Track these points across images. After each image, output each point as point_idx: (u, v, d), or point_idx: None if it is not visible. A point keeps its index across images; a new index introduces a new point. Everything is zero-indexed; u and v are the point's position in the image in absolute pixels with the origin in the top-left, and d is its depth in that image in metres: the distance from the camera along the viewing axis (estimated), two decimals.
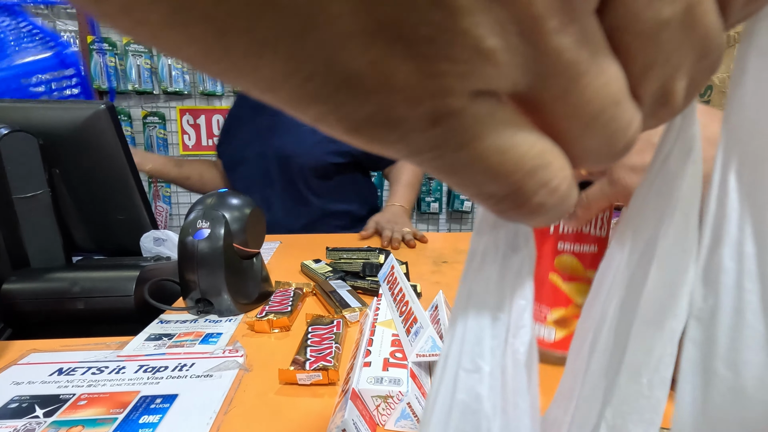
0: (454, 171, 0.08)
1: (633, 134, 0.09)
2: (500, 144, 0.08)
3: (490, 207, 0.09)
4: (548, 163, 0.08)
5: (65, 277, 0.50)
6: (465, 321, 0.10)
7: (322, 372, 0.35)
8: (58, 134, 0.60)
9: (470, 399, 0.10)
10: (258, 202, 1.01)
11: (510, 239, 0.11)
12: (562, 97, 0.08)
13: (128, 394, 0.34)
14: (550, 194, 0.08)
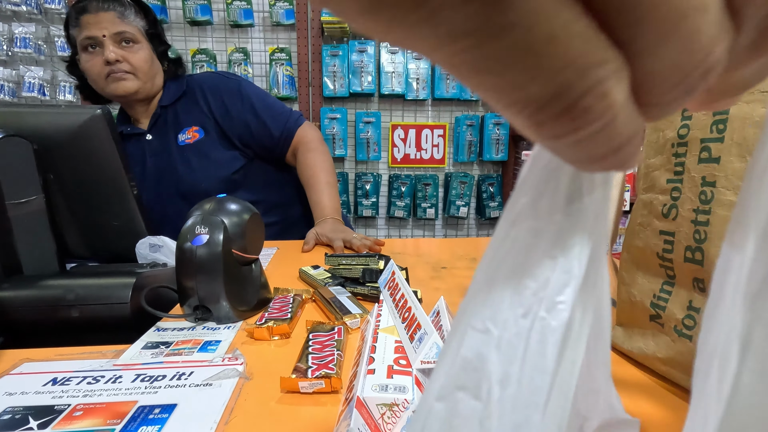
0: (489, 67, 0.07)
1: (714, 60, 0.07)
2: (551, 30, 0.06)
3: (527, 119, 0.07)
4: (603, 61, 0.07)
5: (59, 284, 0.49)
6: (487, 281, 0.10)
7: (325, 380, 0.34)
8: (52, 139, 0.59)
9: (473, 357, 0.10)
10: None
11: (568, 187, 0.09)
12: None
13: (125, 404, 0.33)
14: (600, 99, 0.07)
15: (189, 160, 0.95)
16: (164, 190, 0.96)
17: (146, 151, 0.97)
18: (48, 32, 1.81)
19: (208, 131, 0.97)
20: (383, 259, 0.60)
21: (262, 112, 0.98)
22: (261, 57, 1.94)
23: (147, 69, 0.92)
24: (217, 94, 0.98)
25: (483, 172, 2.18)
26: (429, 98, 2.01)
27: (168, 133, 0.97)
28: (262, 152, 1.01)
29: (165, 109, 0.98)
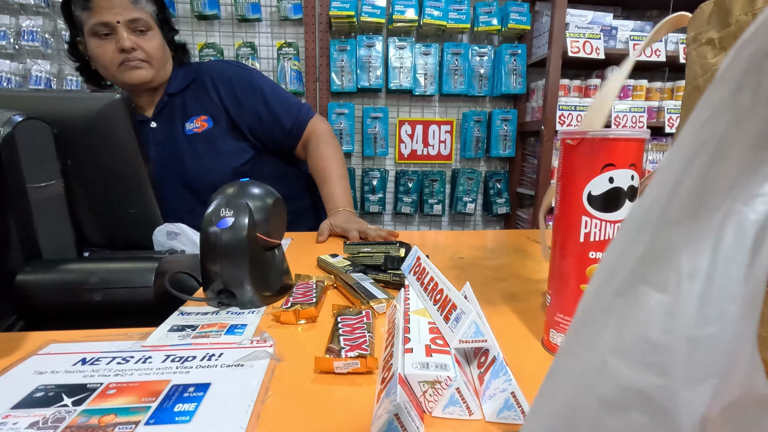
0: None
1: None
2: None
3: None
4: None
5: (82, 268, 0.49)
6: (676, 177, 0.09)
7: (360, 359, 0.34)
8: (72, 124, 0.59)
9: (660, 250, 0.09)
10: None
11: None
12: None
13: (158, 383, 0.33)
14: None
15: (196, 149, 0.94)
16: (167, 180, 0.94)
17: (150, 139, 0.94)
18: (55, 26, 1.80)
19: (217, 121, 0.95)
20: (404, 246, 0.59)
21: (274, 104, 0.97)
22: (269, 51, 1.93)
23: (160, 56, 0.91)
24: (228, 84, 0.96)
25: (490, 168, 2.17)
26: (436, 94, 2.01)
27: (174, 122, 0.95)
28: (271, 144, 1.00)
29: (172, 97, 0.95)
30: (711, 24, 0.37)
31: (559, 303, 0.35)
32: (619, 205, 0.32)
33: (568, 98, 1.86)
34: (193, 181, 0.94)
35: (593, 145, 0.32)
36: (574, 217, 0.33)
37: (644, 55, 1.79)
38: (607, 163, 0.32)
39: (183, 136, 0.94)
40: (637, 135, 0.32)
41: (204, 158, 0.93)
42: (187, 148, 0.94)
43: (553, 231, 0.36)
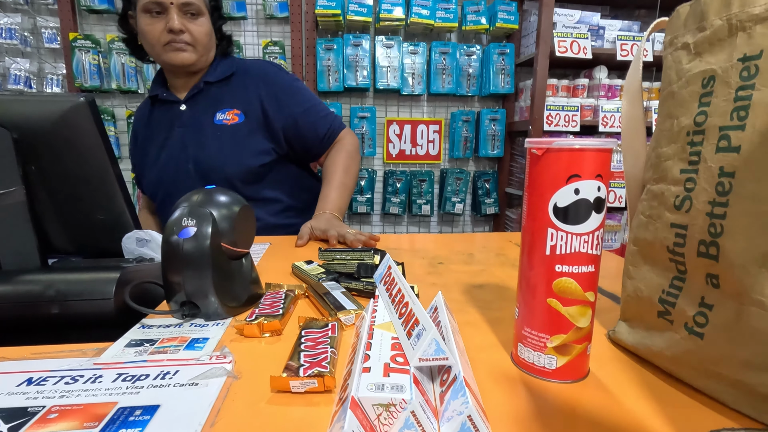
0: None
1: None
2: None
3: None
4: None
5: (38, 279, 0.47)
6: None
7: (318, 379, 0.32)
8: (33, 129, 0.56)
9: None
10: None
11: None
12: None
13: (104, 405, 0.31)
14: None
15: (221, 139, 0.94)
16: (182, 165, 0.94)
17: (175, 121, 0.96)
18: (34, 23, 1.76)
19: (249, 117, 0.95)
20: (379, 253, 0.58)
21: (311, 110, 0.99)
22: (254, 50, 1.90)
23: (206, 42, 0.92)
24: (270, 84, 0.97)
25: (479, 168, 2.17)
26: (425, 93, 2.00)
27: (205, 109, 0.95)
28: (299, 148, 1.00)
29: (208, 85, 0.96)
30: (687, 28, 0.36)
31: (526, 317, 0.34)
32: (585, 217, 0.31)
33: (556, 98, 1.86)
34: (209, 169, 0.93)
35: (558, 155, 0.31)
36: (540, 229, 0.32)
37: (631, 55, 1.79)
38: (573, 174, 0.31)
39: (211, 124, 0.94)
40: (604, 145, 0.31)
41: (226, 150, 0.93)
42: (211, 136, 0.94)
43: (521, 242, 0.35)
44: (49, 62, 1.80)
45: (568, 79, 1.94)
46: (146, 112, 1.02)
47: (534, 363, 0.34)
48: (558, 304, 0.32)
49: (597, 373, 0.36)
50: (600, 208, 0.31)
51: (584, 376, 0.35)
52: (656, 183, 0.37)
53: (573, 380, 0.34)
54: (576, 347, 0.33)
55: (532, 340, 0.34)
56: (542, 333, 0.33)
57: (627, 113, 0.44)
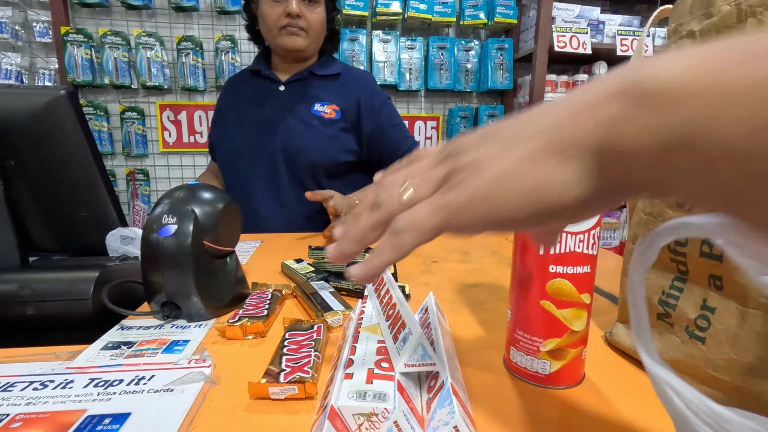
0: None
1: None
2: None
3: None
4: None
5: (13, 278, 0.45)
6: None
7: (298, 385, 0.31)
8: (11, 122, 0.54)
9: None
10: (255, 197, 0.93)
11: None
12: None
13: (72, 413, 0.29)
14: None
15: (316, 129, 0.96)
16: (269, 142, 0.96)
17: (271, 99, 0.99)
18: (26, 17, 1.73)
19: (345, 116, 0.99)
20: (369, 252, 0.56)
21: (397, 128, 1.05)
22: (249, 45, 1.87)
23: (318, 30, 0.96)
24: (370, 94, 1.02)
25: None
26: (422, 89, 1.97)
27: (304, 97, 0.98)
28: (376, 156, 1.04)
29: (313, 76, 1.00)
30: (693, 14, 0.34)
31: (519, 319, 0.33)
32: None
33: (555, 94, 1.83)
34: (298, 153, 0.95)
35: None
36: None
37: (631, 50, 1.77)
38: None
39: (308, 112, 0.97)
40: None
41: (318, 137, 0.96)
42: (307, 123, 0.96)
43: (514, 241, 0.33)
44: (41, 57, 1.77)
45: (567, 74, 1.91)
46: (241, 83, 1.05)
47: (527, 368, 0.32)
48: (552, 307, 0.30)
49: (593, 378, 0.34)
50: None
51: (579, 382, 0.33)
52: None
53: (567, 386, 0.32)
54: (570, 351, 0.31)
55: (524, 343, 0.32)
56: (535, 336, 0.31)
57: None
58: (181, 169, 1.93)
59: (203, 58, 1.81)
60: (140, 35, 1.74)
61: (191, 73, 1.79)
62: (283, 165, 0.96)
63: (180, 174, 1.94)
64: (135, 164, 1.90)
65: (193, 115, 1.89)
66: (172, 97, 1.87)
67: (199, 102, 1.89)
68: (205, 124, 1.90)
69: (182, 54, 1.78)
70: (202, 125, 1.90)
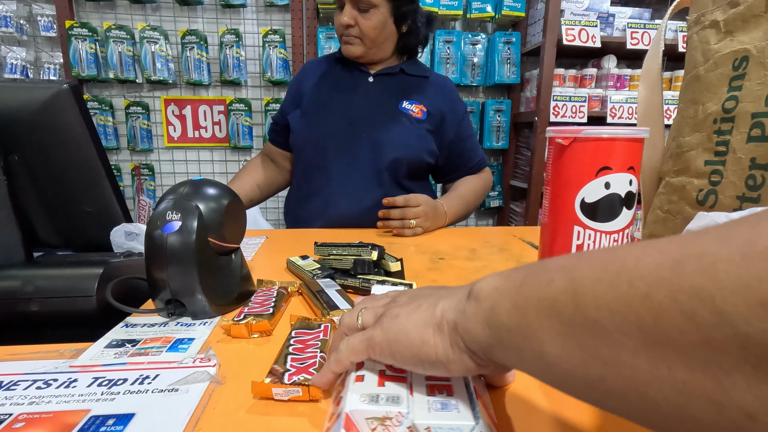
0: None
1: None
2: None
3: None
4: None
5: (17, 275, 0.45)
6: None
7: (303, 388, 0.30)
8: (14, 117, 0.54)
9: None
10: (331, 183, 0.94)
11: None
12: None
13: (75, 414, 0.29)
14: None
15: (404, 125, 0.96)
16: (356, 132, 0.95)
17: (360, 86, 0.98)
18: (30, 11, 1.73)
19: (430, 119, 0.99)
20: (376, 249, 0.55)
21: (473, 138, 1.08)
22: (254, 39, 1.87)
23: (374, 36, 0.93)
24: (455, 100, 1.04)
25: None
26: None
27: (392, 92, 0.98)
28: (448, 163, 1.05)
29: (403, 73, 1.00)
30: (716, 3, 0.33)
31: None
32: (615, 213, 0.28)
33: (563, 88, 1.81)
34: (386, 146, 0.94)
35: (587, 145, 0.28)
36: (565, 226, 0.29)
37: (642, 44, 1.74)
38: (603, 166, 0.28)
39: (395, 107, 0.97)
40: (636, 134, 0.28)
41: (406, 135, 0.96)
42: (395, 118, 0.96)
43: (540, 240, 0.32)
44: (46, 51, 1.77)
45: (575, 68, 1.89)
46: (323, 68, 1.03)
47: None
48: None
49: None
50: (631, 203, 0.28)
51: None
52: (677, 175, 0.34)
53: None
54: None
55: None
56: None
57: (645, 100, 0.41)
58: (186, 164, 1.93)
59: (207, 52, 1.81)
60: (144, 29, 1.73)
61: (196, 67, 1.78)
62: (368, 156, 0.94)
63: (185, 169, 1.94)
64: (140, 159, 1.90)
65: (198, 109, 1.88)
66: (177, 92, 1.87)
67: (203, 96, 1.88)
68: (210, 119, 1.90)
69: (186, 48, 1.77)
70: (206, 120, 1.90)
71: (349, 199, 0.93)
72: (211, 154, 1.93)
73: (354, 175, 0.94)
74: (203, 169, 1.94)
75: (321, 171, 0.95)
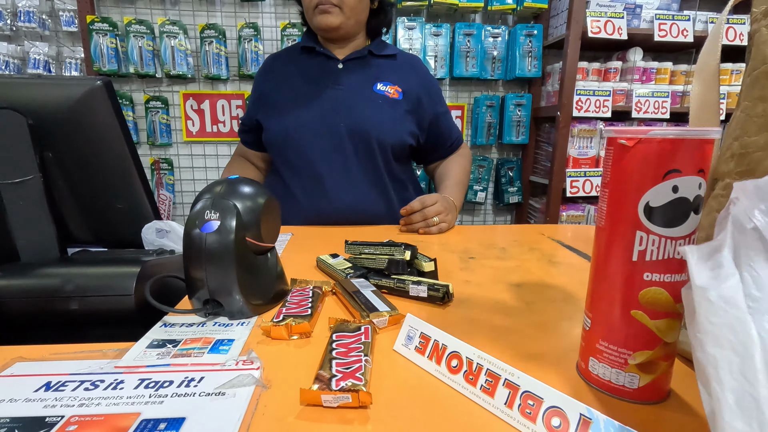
0: None
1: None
2: None
3: None
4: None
5: (57, 272, 0.45)
6: None
7: (352, 394, 0.29)
8: (49, 113, 0.54)
9: None
10: (321, 176, 0.92)
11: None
12: None
13: (127, 417, 0.29)
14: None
15: (382, 108, 0.94)
16: (331, 122, 0.92)
17: (330, 78, 0.95)
18: (52, 5, 1.75)
19: (406, 98, 0.96)
20: (410, 249, 0.54)
21: (448, 115, 1.06)
22: (272, 33, 1.86)
23: (353, 5, 0.90)
24: (427, 78, 1.01)
25: (502, 155, 2.10)
26: (447, 77, 1.93)
27: (365, 76, 0.96)
28: (428, 143, 1.03)
29: (372, 56, 0.98)
30: None
31: (602, 329, 0.30)
32: (682, 219, 0.27)
33: (586, 82, 1.77)
34: (366, 132, 0.92)
35: (655, 147, 0.26)
36: (625, 231, 0.28)
37: (670, 36, 1.68)
38: (672, 168, 0.26)
39: (370, 91, 0.95)
40: (707, 135, 0.26)
41: (386, 118, 0.94)
42: (372, 102, 0.94)
43: (594, 245, 0.31)
44: (68, 46, 1.79)
45: (599, 62, 1.84)
46: (288, 62, 1.00)
47: (611, 380, 0.30)
48: (645, 317, 0.28)
49: (678, 392, 0.32)
50: (699, 208, 0.27)
51: (666, 397, 0.31)
52: (740, 177, 0.32)
53: (655, 401, 0.30)
54: (662, 365, 0.29)
55: (609, 355, 0.30)
56: (623, 348, 0.29)
57: (699, 97, 0.39)
58: (204, 159, 1.95)
59: (226, 47, 1.81)
60: (164, 23, 1.73)
61: (214, 61, 1.79)
62: (350, 143, 0.92)
63: (203, 163, 1.95)
64: (159, 153, 1.92)
65: (216, 104, 1.89)
66: (196, 86, 1.88)
67: (222, 91, 1.88)
68: (228, 114, 1.90)
69: (205, 42, 1.78)
70: (225, 114, 1.90)
71: (334, 191, 0.91)
72: (230, 148, 1.94)
73: (336, 166, 0.92)
74: (221, 164, 1.94)
75: (302, 166, 0.93)
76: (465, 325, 0.43)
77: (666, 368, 0.29)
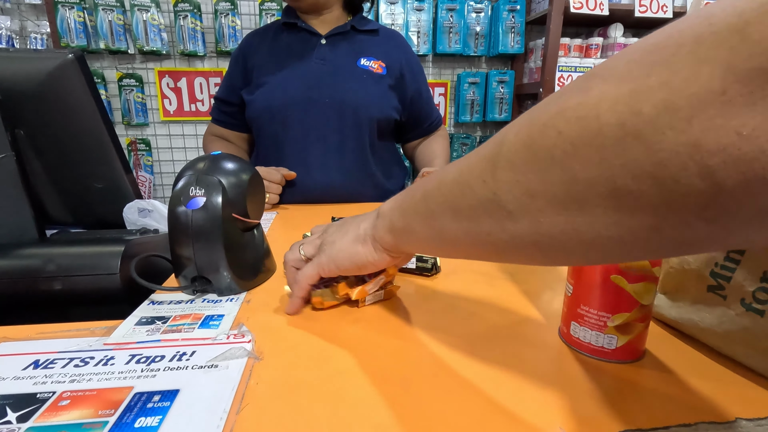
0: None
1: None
2: None
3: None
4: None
5: (38, 253, 0.44)
6: None
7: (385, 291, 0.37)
8: (19, 89, 0.52)
9: None
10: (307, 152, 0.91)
11: None
12: None
13: (119, 390, 0.29)
14: None
15: (365, 81, 0.93)
16: (316, 96, 0.91)
17: (312, 53, 0.94)
18: None
19: (390, 73, 0.96)
20: None
21: (428, 94, 1.06)
22: (250, 8, 1.79)
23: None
24: (409, 55, 1.01)
25: (486, 133, 2.11)
26: (430, 53, 1.90)
27: (348, 51, 0.95)
28: (410, 122, 1.03)
29: (354, 31, 0.97)
30: None
31: (583, 294, 0.32)
32: None
33: (568, 58, 1.77)
34: (352, 107, 0.92)
35: None
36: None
37: (650, 11, 1.69)
38: None
39: (354, 66, 0.94)
40: None
41: (370, 91, 0.93)
42: (356, 77, 0.94)
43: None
44: (32, 20, 1.69)
45: (580, 38, 1.84)
46: (269, 38, 0.97)
47: (591, 342, 0.32)
48: (623, 281, 0.29)
49: (653, 351, 0.33)
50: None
51: (642, 356, 0.32)
52: None
53: (632, 360, 0.32)
54: (638, 326, 0.30)
55: (590, 319, 0.31)
56: (603, 312, 0.30)
57: None
58: (183, 138, 1.89)
59: (202, 21, 1.74)
60: None
61: (190, 37, 1.72)
62: (336, 118, 0.91)
63: (182, 143, 1.90)
64: (136, 134, 1.86)
65: (194, 82, 1.83)
66: (171, 63, 1.81)
67: (199, 68, 1.82)
68: (207, 92, 1.85)
69: (180, 16, 1.70)
70: (203, 93, 1.84)
71: (319, 166, 0.91)
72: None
73: (321, 142, 0.91)
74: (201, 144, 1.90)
75: (287, 143, 0.92)
76: (452, 295, 0.44)
77: (642, 329, 0.31)
